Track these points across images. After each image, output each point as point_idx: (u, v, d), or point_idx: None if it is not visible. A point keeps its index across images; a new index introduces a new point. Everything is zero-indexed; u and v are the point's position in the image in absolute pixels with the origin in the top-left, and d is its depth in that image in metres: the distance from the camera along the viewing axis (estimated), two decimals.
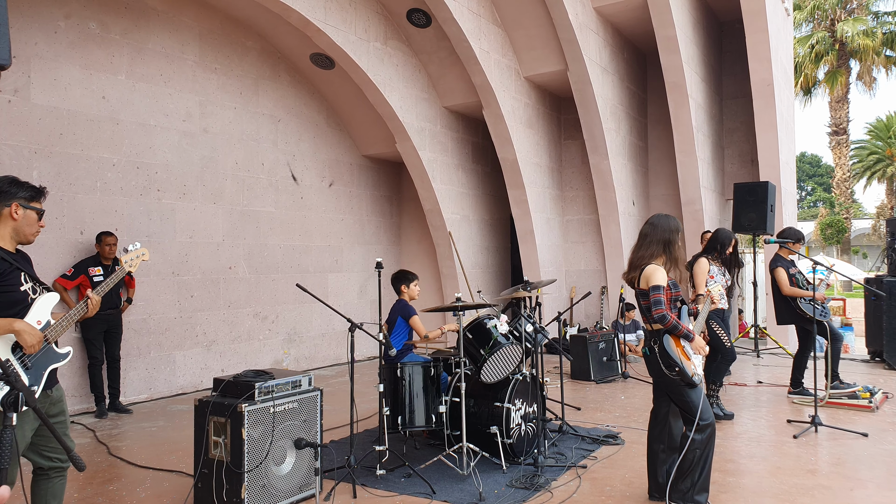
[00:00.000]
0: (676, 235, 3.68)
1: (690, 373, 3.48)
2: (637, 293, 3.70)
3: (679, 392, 3.56)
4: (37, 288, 2.84)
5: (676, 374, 3.50)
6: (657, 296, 3.49)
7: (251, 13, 7.67)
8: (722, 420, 5.58)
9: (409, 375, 4.58)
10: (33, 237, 2.86)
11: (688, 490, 3.50)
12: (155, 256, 6.99)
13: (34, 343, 2.67)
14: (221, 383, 3.74)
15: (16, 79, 5.90)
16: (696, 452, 3.49)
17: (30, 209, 2.82)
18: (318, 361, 8.97)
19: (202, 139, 7.49)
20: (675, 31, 8.53)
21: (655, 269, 3.56)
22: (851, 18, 27.20)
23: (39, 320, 2.77)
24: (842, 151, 29.59)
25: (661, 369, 3.56)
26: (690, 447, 3.49)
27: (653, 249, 3.65)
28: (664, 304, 3.49)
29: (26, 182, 2.86)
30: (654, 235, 3.68)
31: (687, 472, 3.50)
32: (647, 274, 3.58)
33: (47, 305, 2.82)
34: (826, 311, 6.21)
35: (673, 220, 3.73)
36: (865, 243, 38.08)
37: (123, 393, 6.52)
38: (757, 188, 8.81)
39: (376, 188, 10.18)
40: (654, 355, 3.59)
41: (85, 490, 4.16)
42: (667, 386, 3.62)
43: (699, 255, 5.71)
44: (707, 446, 3.51)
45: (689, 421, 3.53)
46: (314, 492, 3.80)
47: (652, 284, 3.53)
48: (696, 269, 5.59)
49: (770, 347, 9.58)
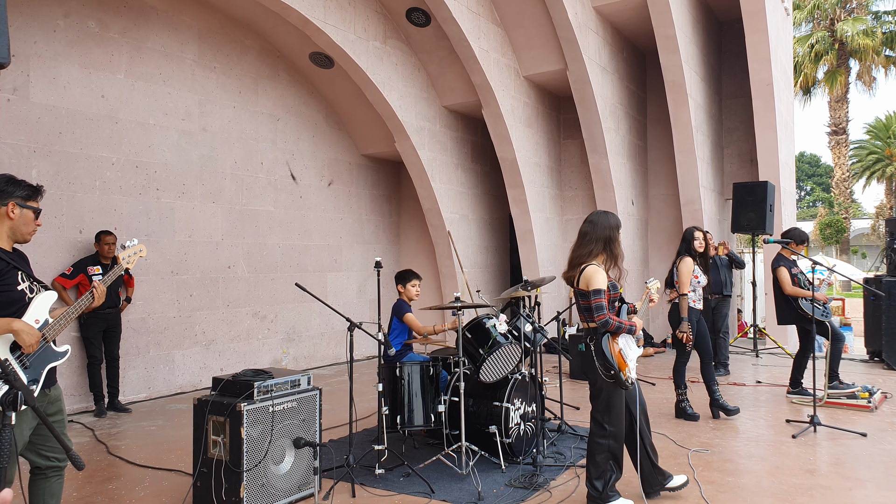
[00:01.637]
0: (617, 232, 3.68)
1: (625, 377, 3.53)
2: (575, 292, 3.69)
3: (601, 392, 3.60)
4: (34, 287, 2.83)
5: (612, 378, 3.54)
6: (598, 300, 3.49)
7: (250, 12, 7.67)
8: (732, 415, 5.64)
9: (408, 375, 4.59)
10: (30, 236, 2.85)
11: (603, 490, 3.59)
12: (154, 255, 6.98)
13: (32, 342, 2.66)
14: (220, 382, 3.74)
15: (15, 77, 5.89)
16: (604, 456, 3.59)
17: (26, 208, 2.81)
18: (316, 361, 8.97)
19: (201, 138, 7.49)
20: (674, 30, 8.53)
21: (595, 272, 3.54)
22: (851, 18, 27.22)
23: (38, 319, 2.76)
24: (841, 151, 29.61)
25: (594, 367, 3.59)
26: (598, 450, 3.58)
27: (592, 247, 3.64)
28: (605, 308, 3.49)
29: (23, 181, 2.85)
30: (593, 233, 3.66)
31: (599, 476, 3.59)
32: (586, 275, 3.56)
33: (45, 304, 2.82)
34: (827, 311, 6.21)
35: (613, 217, 3.72)
36: (864, 243, 38.10)
37: (122, 392, 6.51)
38: (756, 188, 8.81)
39: (375, 187, 10.18)
40: (590, 354, 3.61)
41: (84, 489, 4.16)
42: (593, 382, 3.65)
43: (682, 256, 5.70)
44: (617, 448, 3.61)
45: (597, 423, 3.63)
46: (313, 491, 3.80)
47: (592, 288, 3.50)
48: (682, 267, 5.60)
49: (769, 347, 9.58)
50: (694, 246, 5.71)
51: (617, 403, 3.60)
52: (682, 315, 5.54)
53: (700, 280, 5.68)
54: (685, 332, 5.51)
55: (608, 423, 3.58)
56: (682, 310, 5.55)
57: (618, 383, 3.54)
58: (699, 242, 5.73)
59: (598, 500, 3.60)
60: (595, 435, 3.63)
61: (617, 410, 3.59)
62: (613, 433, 3.59)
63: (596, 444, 3.61)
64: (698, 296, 5.68)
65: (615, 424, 3.58)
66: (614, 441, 3.60)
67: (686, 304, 5.55)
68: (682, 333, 5.52)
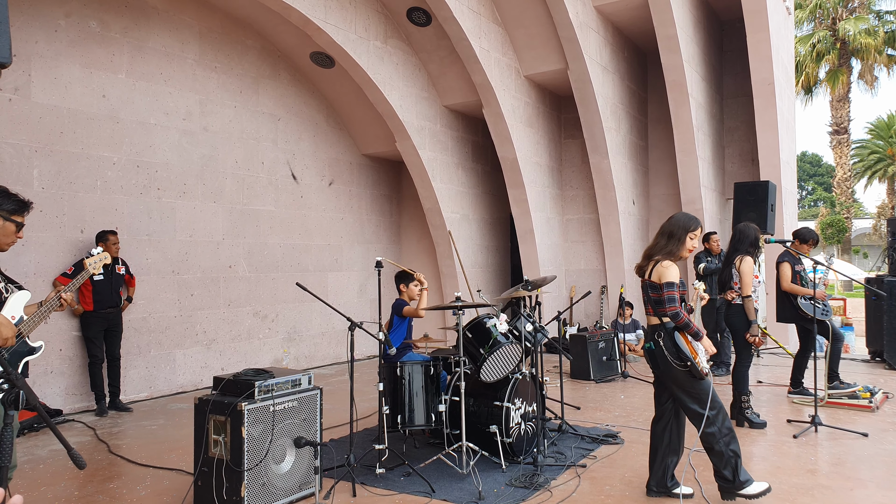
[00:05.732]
0: (685, 234, 3.71)
1: (700, 367, 3.54)
2: (645, 284, 3.74)
3: (687, 385, 3.59)
4: (9, 287, 2.97)
5: (686, 369, 3.55)
6: (671, 293, 3.55)
7: (251, 12, 7.67)
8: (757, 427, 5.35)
9: (409, 374, 4.59)
10: (7, 247, 2.99)
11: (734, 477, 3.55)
12: (155, 255, 6.99)
13: (9, 336, 2.78)
14: (221, 382, 3.74)
15: (16, 77, 5.90)
16: (721, 443, 3.55)
17: (10, 222, 2.93)
18: (317, 360, 8.98)
19: (202, 138, 7.49)
20: (675, 29, 8.52)
21: (670, 266, 3.62)
22: (853, 17, 27.17)
23: (13, 316, 2.90)
24: (843, 151, 29.56)
25: (668, 363, 3.59)
26: (714, 441, 3.54)
27: (659, 240, 3.75)
28: (677, 301, 3.55)
29: (15, 195, 2.97)
30: (664, 228, 3.78)
31: (725, 465, 3.56)
32: (660, 269, 3.64)
33: (20, 302, 2.96)
34: (827, 310, 6.18)
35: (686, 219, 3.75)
36: (866, 243, 38.06)
37: (124, 391, 6.52)
38: (757, 188, 8.79)
39: (376, 187, 10.18)
40: (661, 349, 3.63)
41: (85, 488, 4.16)
42: (673, 379, 3.64)
43: (741, 254, 5.46)
44: (728, 433, 3.57)
45: (696, 416, 3.57)
46: (314, 490, 3.80)
47: (665, 281, 3.59)
48: (744, 267, 5.36)
49: (770, 347, 9.57)
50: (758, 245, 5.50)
51: (702, 388, 3.57)
52: (751, 318, 5.29)
53: (760, 279, 5.48)
54: (756, 335, 5.29)
55: (704, 407, 3.53)
56: (748, 312, 5.30)
57: (693, 373, 3.55)
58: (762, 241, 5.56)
59: (733, 488, 3.56)
60: (702, 427, 3.54)
61: (705, 394, 3.55)
62: (714, 417, 3.53)
63: (707, 435, 3.56)
64: (757, 295, 5.51)
65: (714, 407, 3.54)
66: (721, 423, 3.55)
67: (752, 306, 5.30)
68: (752, 337, 5.29)
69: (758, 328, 5.33)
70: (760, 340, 5.31)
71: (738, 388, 5.48)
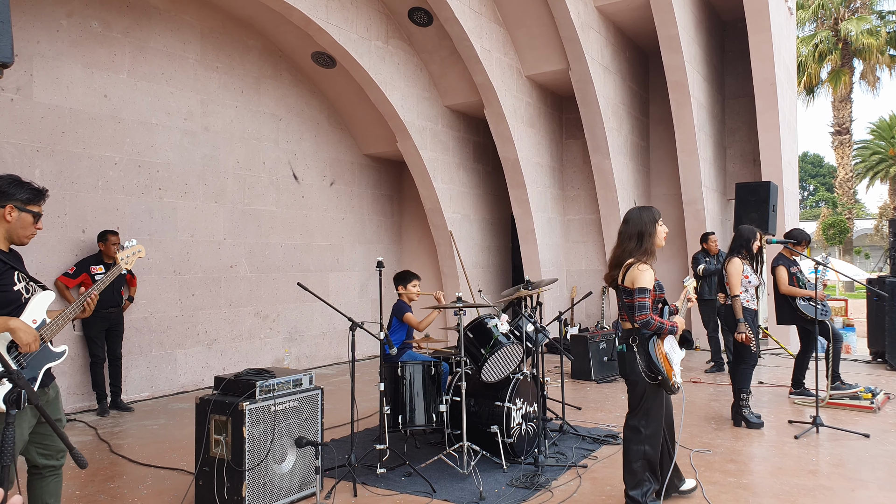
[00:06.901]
0: (652, 227, 3.55)
1: (671, 382, 3.42)
2: (618, 291, 3.58)
3: (642, 395, 3.48)
4: (30, 287, 2.81)
5: (656, 382, 3.44)
6: (642, 299, 3.38)
7: (253, 12, 7.67)
8: (754, 427, 5.33)
9: (410, 374, 4.59)
10: (27, 240, 2.80)
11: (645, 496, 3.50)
12: (156, 255, 7.00)
13: (30, 341, 2.62)
14: (222, 381, 3.74)
15: (18, 77, 5.91)
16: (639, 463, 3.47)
17: (25, 212, 2.76)
18: (318, 360, 8.98)
19: (204, 138, 7.50)
20: (677, 30, 8.52)
21: (644, 271, 3.44)
22: (855, 17, 27.15)
23: (35, 319, 2.73)
24: (844, 151, 29.52)
25: (637, 370, 3.45)
26: (634, 457, 3.48)
27: (626, 245, 3.56)
28: (648, 308, 3.39)
29: (28, 183, 2.79)
30: (627, 231, 3.58)
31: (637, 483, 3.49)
32: (635, 273, 3.45)
33: (42, 304, 2.79)
34: (827, 311, 6.18)
35: (647, 212, 3.60)
36: (868, 243, 38.03)
37: (125, 391, 6.53)
38: (759, 188, 8.78)
39: (377, 187, 10.18)
40: (633, 354, 3.48)
41: (87, 487, 4.17)
42: (633, 384, 3.51)
43: (730, 255, 5.50)
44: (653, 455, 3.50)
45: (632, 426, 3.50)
46: (315, 490, 3.80)
47: (638, 286, 3.40)
48: (730, 269, 5.39)
49: (771, 348, 9.57)
50: (752, 247, 5.50)
51: (656, 407, 3.48)
52: (738, 317, 5.31)
53: (752, 280, 5.46)
54: (743, 332, 5.29)
55: (645, 426, 3.46)
56: (736, 311, 5.33)
57: (664, 387, 3.45)
58: (758, 244, 5.53)
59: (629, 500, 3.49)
60: (630, 441, 3.50)
61: (655, 414, 3.47)
62: (649, 438, 3.46)
63: (632, 451, 3.48)
64: (751, 296, 5.46)
65: (652, 428, 3.46)
66: (650, 447, 3.47)
67: (739, 306, 5.32)
68: (740, 335, 5.30)
69: (745, 326, 5.31)
70: (749, 338, 5.30)
71: (737, 385, 5.47)
